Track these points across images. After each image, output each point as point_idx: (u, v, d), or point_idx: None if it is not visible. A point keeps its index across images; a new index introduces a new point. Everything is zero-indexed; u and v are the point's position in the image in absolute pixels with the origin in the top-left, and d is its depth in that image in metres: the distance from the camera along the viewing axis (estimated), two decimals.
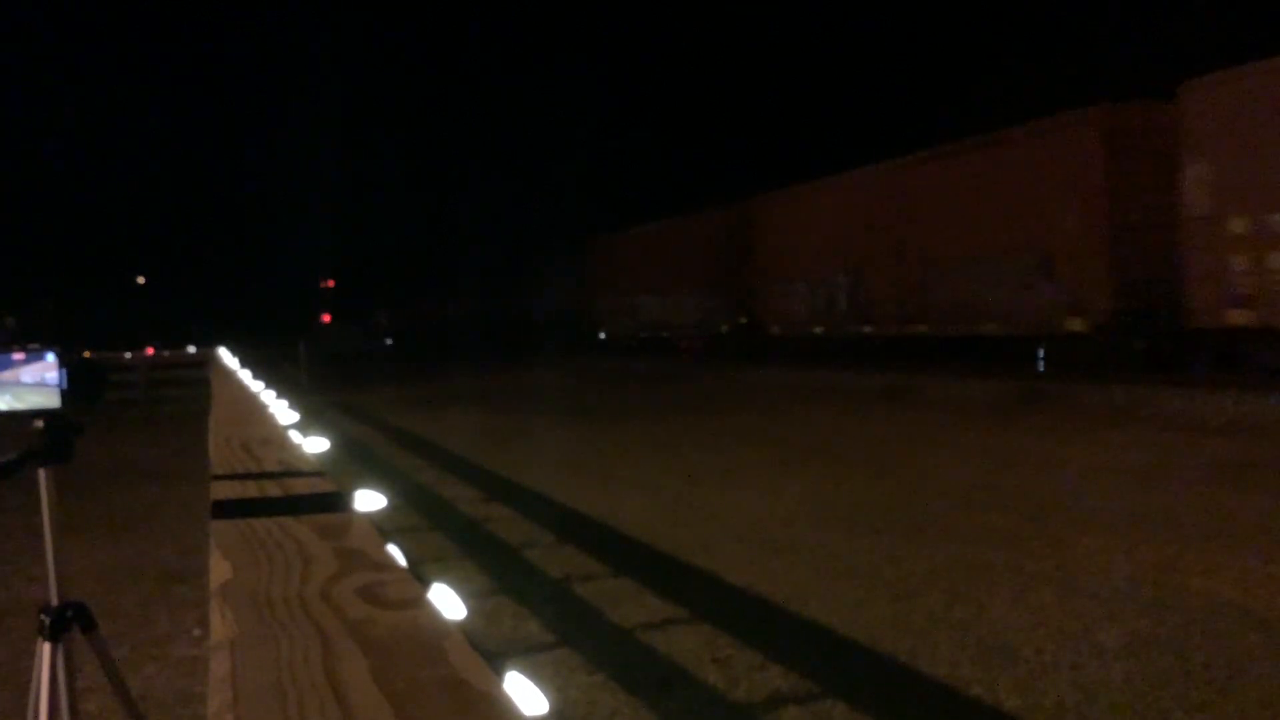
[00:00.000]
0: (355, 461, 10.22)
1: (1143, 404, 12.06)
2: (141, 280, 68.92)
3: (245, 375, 9.64)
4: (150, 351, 24.16)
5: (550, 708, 3.24)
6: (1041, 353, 16.91)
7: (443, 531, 6.87)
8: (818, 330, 21.89)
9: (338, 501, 2.07)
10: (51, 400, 1.85)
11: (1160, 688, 3.60)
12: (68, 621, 1.91)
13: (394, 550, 1.72)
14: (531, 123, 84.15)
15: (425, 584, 1.59)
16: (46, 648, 1.86)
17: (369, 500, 2.69)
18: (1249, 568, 5.11)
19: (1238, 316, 12.70)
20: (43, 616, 1.88)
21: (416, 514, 7.45)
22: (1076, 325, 15.07)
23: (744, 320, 24.68)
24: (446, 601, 1.78)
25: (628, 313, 31.46)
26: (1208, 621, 4.31)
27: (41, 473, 1.87)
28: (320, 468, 2.70)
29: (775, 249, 23.35)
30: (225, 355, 15.70)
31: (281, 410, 5.57)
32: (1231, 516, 6.28)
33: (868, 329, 20.12)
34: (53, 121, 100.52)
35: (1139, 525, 6.14)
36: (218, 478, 2.51)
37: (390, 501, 6.51)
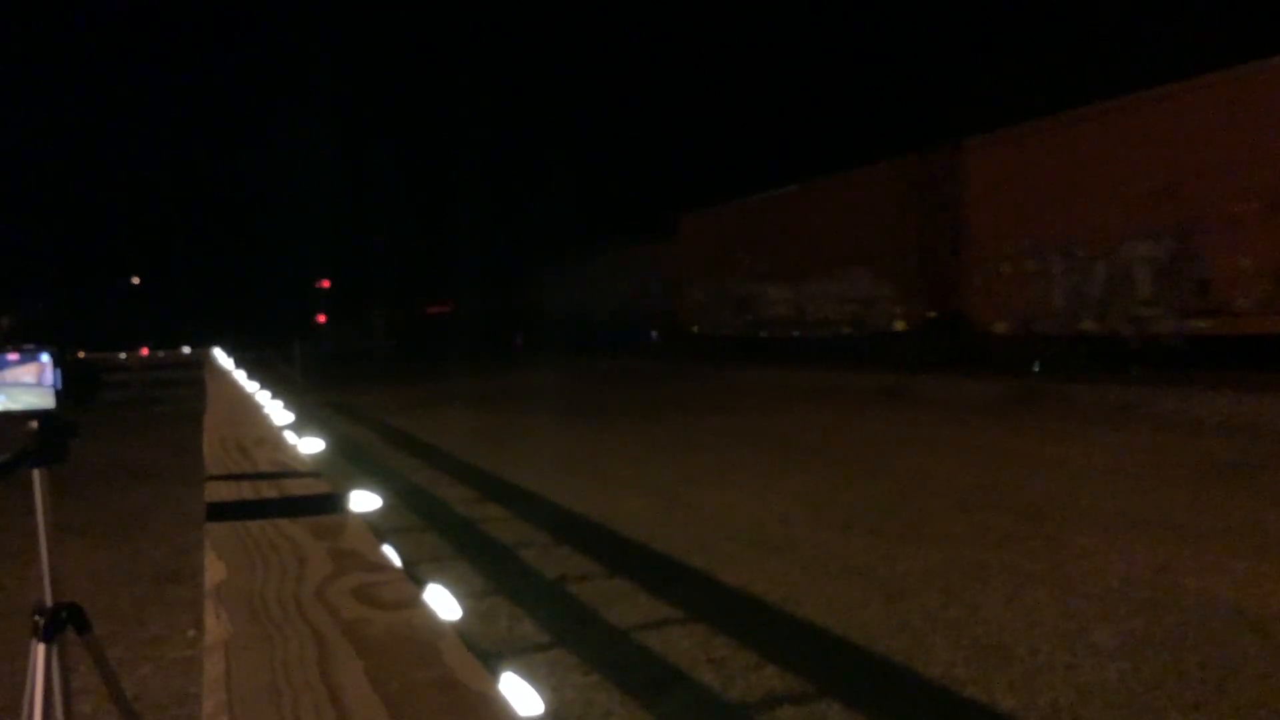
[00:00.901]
0: (351, 462, 10.21)
1: (1138, 404, 12.09)
2: (136, 281, 68.82)
3: (240, 376, 9.62)
4: (145, 352, 24.08)
5: (545, 708, 3.24)
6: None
7: (438, 532, 6.87)
8: (1086, 326, 14.68)
9: (333, 502, 2.07)
10: (46, 400, 1.85)
11: (1155, 688, 3.61)
12: (62, 622, 1.91)
13: (389, 551, 1.71)
14: (529, 119, 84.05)
15: (421, 584, 1.59)
16: (41, 649, 1.86)
17: (364, 501, 2.68)
18: (1244, 568, 5.12)
19: None
20: (37, 617, 1.88)
21: (412, 514, 7.44)
22: None
23: (933, 314, 17.73)
24: (442, 602, 1.78)
25: (741, 307, 23.89)
26: (1203, 622, 4.32)
27: (36, 473, 1.87)
28: (315, 468, 2.70)
29: (1006, 208, 15.90)
30: (220, 356, 15.66)
31: (277, 411, 5.56)
32: (1227, 517, 6.30)
33: (1202, 324, 13.06)
34: (48, 121, 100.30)
35: (1134, 525, 6.16)
36: (212, 478, 2.50)
37: (386, 502, 6.51)
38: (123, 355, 22.57)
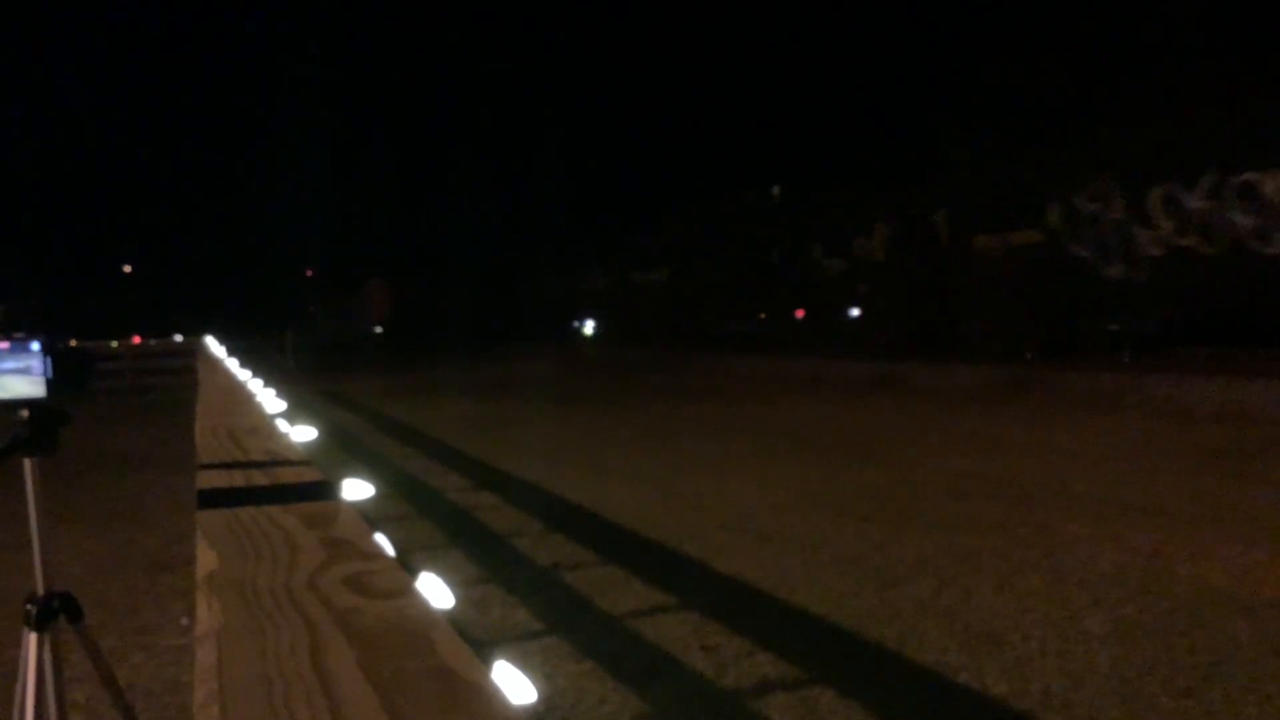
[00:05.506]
0: (343, 450, 10.19)
1: (1130, 391, 12.12)
2: (128, 269, 68.48)
3: (232, 364, 9.59)
4: (137, 340, 24.01)
5: (538, 697, 3.24)
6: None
7: (431, 520, 6.86)
8: None
9: (325, 490, 2.07)
10: (37, 389, 1.84)
11: (1147, 673, 3.63)
12: (54, 611, 1.90)
13: (382, 539, 1.71)
14: (522, 111, 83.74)
15: (413, 573, 1.59)
16: (33, 638, 1.85)
17: (356, 489, 2.68)
18: (1235, 554, 5.14)
19: None
20: (29, 606, 1.87)
21: (405, 502, 7.44)
22: None
23: None
24: (434, 590, 1.77)
25: None
26: (1194, 608, 4.34)
27: (27, 463, 1.86)
28: (307, 457, 2.69)
29: None
30: (212, 344, 15.61)
31: (269, 399, 5.55)
32: (1218, 503, 6.33)
33: None
34: (39, 111, 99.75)
35: (1126, 512, 6.18)
36: (204, 467, 2.49)
37: (378, 490, 6.50)
38: (114, 343, 22.50)
